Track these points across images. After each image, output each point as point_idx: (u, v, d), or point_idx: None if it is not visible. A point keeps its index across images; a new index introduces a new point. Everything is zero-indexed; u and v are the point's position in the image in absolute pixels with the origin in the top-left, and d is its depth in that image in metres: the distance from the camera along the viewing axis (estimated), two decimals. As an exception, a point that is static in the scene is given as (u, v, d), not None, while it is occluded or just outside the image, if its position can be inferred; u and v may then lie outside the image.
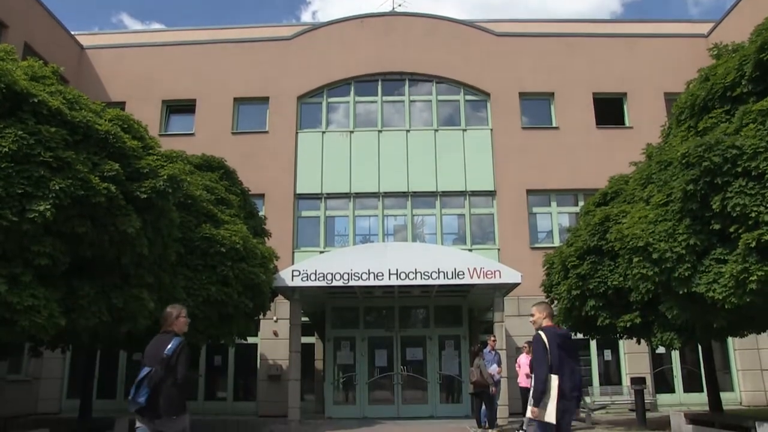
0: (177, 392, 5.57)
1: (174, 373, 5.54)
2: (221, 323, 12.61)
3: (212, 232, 12.45)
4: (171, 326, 5.85)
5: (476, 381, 13.25)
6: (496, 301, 15.63)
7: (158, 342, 5.75)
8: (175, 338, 5.73)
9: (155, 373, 5.51)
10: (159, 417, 5.50)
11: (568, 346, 6.01)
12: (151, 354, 5.68)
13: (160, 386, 5.50)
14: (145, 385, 5.50)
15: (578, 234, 13.67)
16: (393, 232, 20.96)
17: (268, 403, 18.76)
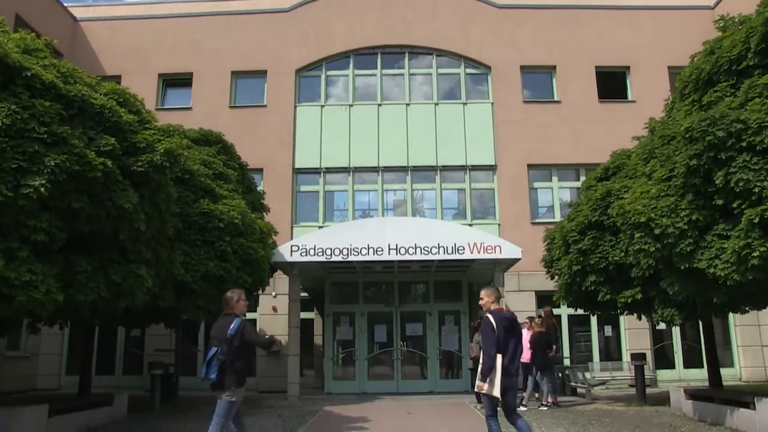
0: (241, 367, 6.42)
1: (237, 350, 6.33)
2: (220, 299, 12.47)
3: (210, 207, 12.44)
4: (232, 309, 6.58)
5: (476, 356, 13.27)
6: (496, 276, 15.68)
7: (222, 324, 6.50)
8: (236, 319, 6.47)
9: (221, 351, 6.30)
10: (226, 389, 6.33)
11: (512, 329, 6.60)
12: (216, 335, 6.45)
13: (226, 362, 6.28)
14: (214, 363, 6.29)
15: (579, 209, 13.64)
16: (393, 206, 20.97)
17: (268, 378, 18.87)
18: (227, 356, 6.33)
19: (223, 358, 6.32)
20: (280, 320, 18.84)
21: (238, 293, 6.73)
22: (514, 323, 6.67)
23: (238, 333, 6.37)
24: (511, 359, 6.48)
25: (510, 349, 6.48)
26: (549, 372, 13.57)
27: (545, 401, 13.30)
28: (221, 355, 6.31)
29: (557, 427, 10.32)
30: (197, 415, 12.46)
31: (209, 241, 12.27)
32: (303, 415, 12.53)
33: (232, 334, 6.35)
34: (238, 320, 6.48)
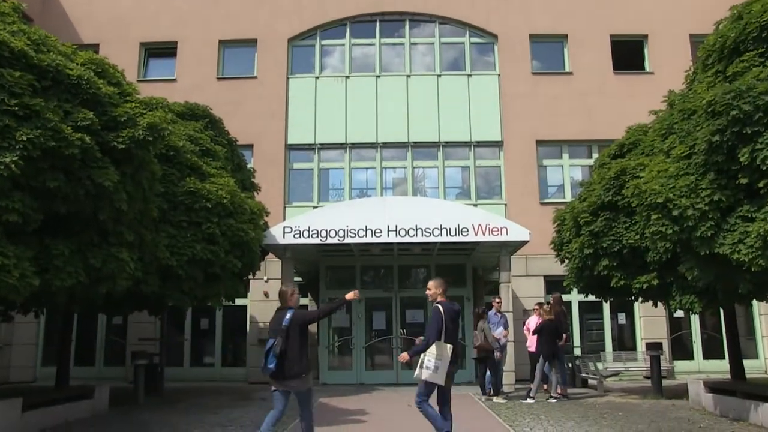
0: (300, 356, 7.02)
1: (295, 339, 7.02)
2: (207, 284, 12.64)
3: (197, 185, 12.38)
4: (287, 302, 7.33)
5: (480, 345, 13.31)
6: (502, 259, 15.62)
7: (278, 316, 7.22)
8: (289, 310, 7.19)
9: (277, 342, 6.95)
10: (287, 378, 7.00)
11: (456, 321, 7.60)
12: (273, 327, 7.17)
13: (284, 352, 6.96)
14: (272, 354, 6.94)
15: (592, 188, 13.55)
16: (392, 185, 20.89)
17: (259, 369, 18.76)
18: (283, 347, 6.98)
19: (279, 350, 6.95)
20: (272, 307, 18.50)
21: (291, 287, 7.52)
22: (457, 316, 7.66)
23: (292, 323, 7.08)
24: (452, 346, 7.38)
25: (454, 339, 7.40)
26: (558, 362, 13.58)
27: (554, 393, 13.32)
28: (277, 346, 6.95)
29: (567, 421, 10.33)
30: (184, 408, 12.49)
31: (196, 222, 12.23)
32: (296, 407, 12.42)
33: (287, 325, 7.05)
34: (291, 311, 7.20)
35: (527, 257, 18.81)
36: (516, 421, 10.43)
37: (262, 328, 19.08)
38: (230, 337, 19.93)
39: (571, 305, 19.15)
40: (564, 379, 13.80)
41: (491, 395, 13.43)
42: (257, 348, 19.02)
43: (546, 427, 9.73)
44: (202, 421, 10.70)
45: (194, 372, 19.28)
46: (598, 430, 9.46)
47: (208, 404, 13.16)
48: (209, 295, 12.97)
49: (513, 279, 16.44)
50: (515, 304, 17.46)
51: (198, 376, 19.11)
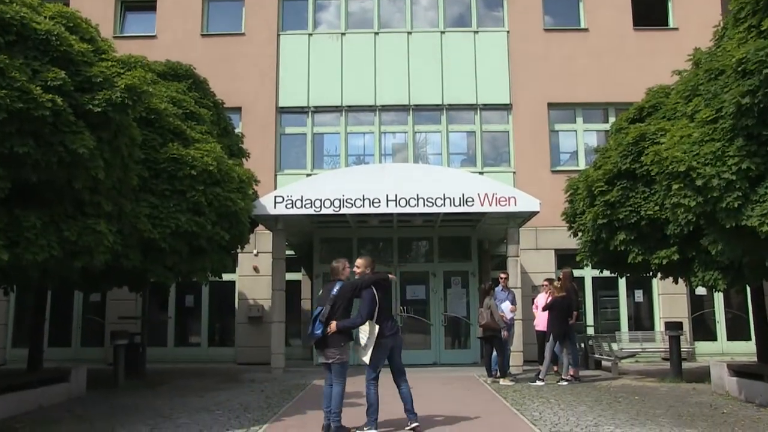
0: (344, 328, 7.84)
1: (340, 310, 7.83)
2: (193, 258, 12.62)
3: (180, 152, 12.29)
4: (338, 276, 8.16)
5: (486, 324, 13.30)
6: (510, 232, 15.64)
7: (328, 287, 8.13)
8: (338, 282, 8.06)
9: (325, 310, 7.80)
10: (327, 346, 7.81)
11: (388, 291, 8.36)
12: (322, 297, 8.11)
13: (329, 321, 7.77)
14: (318, 321, 7.81)
15: (608, 155, 13.50)
16: (392, 151, 20.89)
17: (248, 349, 18.98)
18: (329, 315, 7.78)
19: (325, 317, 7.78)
20: (262, 282, 18.84)
21: (343, 262, 8.29)
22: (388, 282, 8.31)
23: (340, 293, 7.89)
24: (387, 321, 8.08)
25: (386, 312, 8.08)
26: (569, 342, 13.60)
27: (565, 375, 13.37)
28: (323, 317, 7.78)
29: (579, 405, 10.37)
30: (167, 391, 12.53)
31: (180, 191, 12.16)
32: (289, 389, 12.60)
33: (335, 295, 7.88)
34: (339, 283, 8.07)
35: (537, 229, 18.82)
36: (524, 405, 10.46)
37: (252, 305, 19.15)
38: (217, 315, 19.98)
39: (584, 281, 19.19)
40: (576, 360, 13.84)
41: (497, 377, 13.47)
42: (246, 327, 19.11)
43: (556, 411, 9.76)
44: (186, 405, 10.71)
45: (178, 353, 19.36)
46: (613, 414, 9.48)
47: (193, 387, 13.19)
48: (194, 269, 12.95)
49: (522, 253, 16.43)
50: (524, 280, 17.48)
51: (183, 356, 19.18)
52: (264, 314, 18.92)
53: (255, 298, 19.35)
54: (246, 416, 9.59)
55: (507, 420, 9.28)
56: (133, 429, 8.61)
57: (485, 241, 19.30)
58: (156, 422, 9.10)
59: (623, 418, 9.22)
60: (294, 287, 19.24)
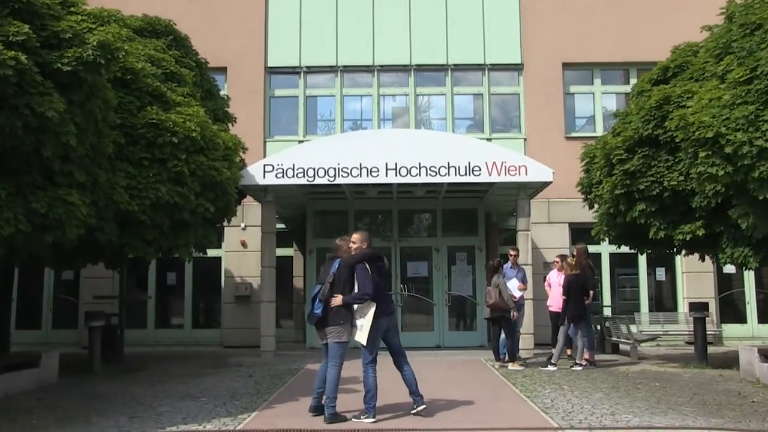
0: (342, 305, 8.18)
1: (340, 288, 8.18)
2: (174, 232, 12.62)
3: (160, 116, 12.21)
4: (340, 253, 8.49)
5: (494, 303, 13.28)
6: (520, 203, 15.62)
7: (327, 265, 8.52)
8: (337, 260, 8.39)
9: (324, 288, 8.20)
10: (328, 325, 8.19)
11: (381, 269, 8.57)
12: (322, 275, 8.53)
13: (329, 300, 8.17)
14: (318, 299, 8.22)
15: (628, 120, 13.42)
16: (391, 116, 20.85)
17: (236, 331, 19.06)
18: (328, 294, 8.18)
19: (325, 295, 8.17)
20: (250, 258, 18.84)
21: (347, 240, 8.63)
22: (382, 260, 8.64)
23: (338, 271, 8.27)
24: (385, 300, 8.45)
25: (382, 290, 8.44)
26: (584, 324, 13.59)
27: (579, 359, 13.36)
28: (322, 295, 8.19)
29: (594, 392, 10.37)
30: (147, 377, 12.55)
31: (160, 159, 12.13)
32: (280, 374, 12.63)
33: (334, 272, 8.27)
34: (338, 261, 8.39)
35: (550, 201, 18.81)
36: (535, 391, 10.47)
37: (239, 284, 19.16)
38: (202, 294, 20.04)
39: (601, 258, 19.20)
40: (591, 343, 13.83)
41: (506, 361, 13.50)
42: (233, 307, 19.15)
43: (570, 399, 9.76)
44: (168, 392, 10.70)
45: (160, 335, 19.45)
46: (631, 402, 9.47)
47: (176, 372, 13.20)
48: (176, 244, 12.95)
49: (533, 226, 16.39)
50: (535, 256, 17.46)
51: (164, 339, 19.26)
52: (252, 293, 18.93)
53: (243, 275, 19.35)
54: (233, 403, 9.59)
55: (516, 407, 9.27)
56: (110, 418, 8.58)
57: (493, 214, 19.28)
58: (135, 410, 9.08)
59: (642, 406, 9.20)
60: (285, 264, 19.23)
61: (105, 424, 8.23)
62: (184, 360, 15.33)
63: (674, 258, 18.65)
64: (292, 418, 8.53)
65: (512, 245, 15.71)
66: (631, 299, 19.51)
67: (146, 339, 19.03)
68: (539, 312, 15.96)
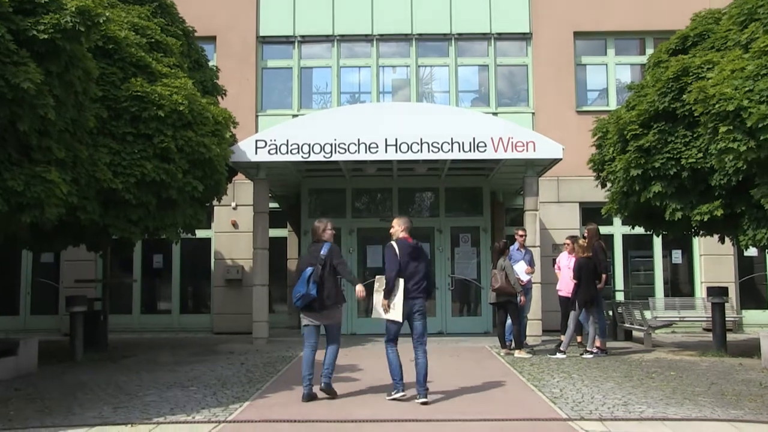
0: (335, 286, 9.07)
1: (331, 271, 8.99)
2: (161, 211, 12.62)
3: (145, 88, 12.17)
4: (320, 237, 9.27)
5: (500, 287, 13.29)
6: (527, 182, 15.61)
7: (313, 249, 9.25)
8: (326, 244, 9.19)
9: (316, 270, 8.86)
10: (324, 308, 8.93)
11: (416, 255, 9.03)
12: (309, 259, 9.14)
13: (322, 281, 8.90)
14: (312, 280, 8.82)
15: (643, 93, 13.37)
16: (391, 89, 20.83)
17: (226, 316, 19.09)
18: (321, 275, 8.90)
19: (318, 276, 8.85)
20: (241, 239, 18.87)
21: (324, 222, 9.40)
22: (417, 250, 9.08)
23: (329, 254, 9.03)
24: (415, 282, 8.87)
25: (410, 271, 8.85)
26: (596, 309, 13.57)
27: (590, 347, 13.35)
28: (315, 276, 8.82)
29: (605, 381, 10.38)
30: (134, 364, 12.57)
31: (145, 134, 12.12)
32: (273, 362, 12.66)
33: (325, 254, 9.00)
34: (328, 244, 9.18)
35: (559, 179, 18.82)
36: (542, 380, 10.46)
37: (230, 266, 19.15)
38: (190, 278, 20.07)
39: (613, 239, 19.20)
40: (603, 330, 13.81)
41: (512, 348, 13.50)
42: (224, 291, 19.15)
43: (579, 388, 9.77)
44: (155, 380, 10.70)
45: (146, 321, 19.48)
46: (644, 392, 9.48)
47: (163, 360, 13.22)
48: (163, 225, 12.92)
49: (541, 206, 16.46)
50: (544, 238, 17.49)
51: (150, 325, 19.31)
52: (244, 276, 18.94)
53: (234, 257, 19.37)
54: (224, 393, 9.59)
55: (522, 397, 9.28)
56: (93, 409, 8.57)
57: (499, 193, 19.28)
58: (120, 400, 9.07)
59: (657, 396, 9.20)
60: (278, 245, 19.21)
61: (88, 415, 8.21)
62: (171, 347, 15.35)
63: (692, 240, 18.64)
64: (286, 408, 8.53)
65: (519, 226, 15.70)
66: (645, 283, 19.52)
67: (131, 325, 19.09)
68: (548, 296, 15.95)
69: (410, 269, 8.87)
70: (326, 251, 9.00)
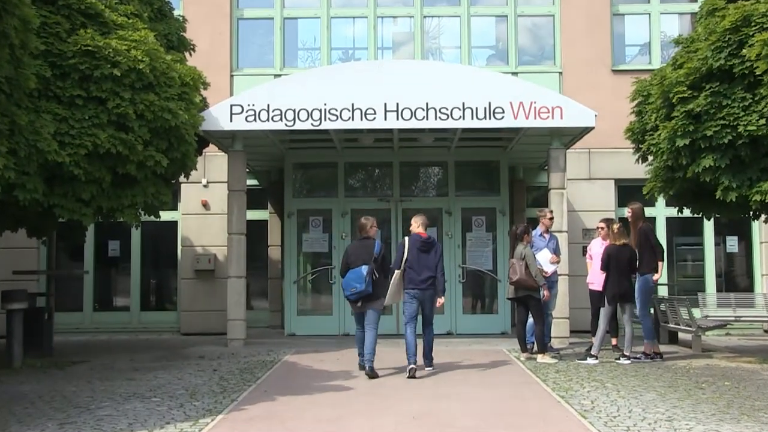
0: (384, 280, 11.91)
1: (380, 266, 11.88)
2: (118, 190, 12.64)
3: (97, 42, 12.05)
4: (368, 233, 12.13)
5: (519, 280, 13.25)
6: (553, 155, 15.63)
7: (365, 244, 12.07)
8: (376, 241, 12.12)
9: (371, 267, 11.65)
10: (372, 300, 11.78)
11: (427, 249, 11.97)
12: (362, 256, 11.84)
13: (377, 279, 11.75)
14: (368, 278, 11.57)
15: (694, 48, 13.27)
16: (392, 44, 20.98)
17: (196, 314, 19.12)
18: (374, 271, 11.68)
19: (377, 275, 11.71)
20: (214, 223, 18.94)
21: (372, 220, 12.30)
22: (428, 244, 12.03)
23: (381, 253, 11.90)
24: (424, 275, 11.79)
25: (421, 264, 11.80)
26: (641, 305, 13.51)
27: (627, 350, 13.28)
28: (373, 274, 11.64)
29: (646, 392, 10.38)
30: (85, 372, 12.56)
31: (97, 98, 12.04)
32: (251, 368, 12.67)
33: (378, 253, 11.83)
34: (378, 242, 12.15)
35: (591, 152, 18.85)
36: (570, 390, 10.48)
37: (201, 255, 19.13)
38: (153, 269, 20.17)
39: (656, 223, 19.01)
40: (649, 330, 13.72)
41: (534, 352, 13.52)
42: (193, 284, 19.16)
43: (615, 400, 9.78)
44: (111, 391, 10.68)
45: (99, 319, 19.56)
46: (692, 406, 9.45)
47: (120, 366, 13.20)
48: (120, 205, 12.89)
49: (570, 184, 16.51)
50: (572, 221, 17.48)
51: (105, 325, 19.35)
52: (217, 267, 18.93)
53: (205, 244, 19.36)
54: (193, 405, 9.58)
55: (546, 410, 9.29)
56: (34, 425, 8.50)
57: (519, 168, 19.36)
58: (68, 415, 9.02)
59: (708, 410, 9.17)
60: (258, 229, 19.32)
61: (28, 432, 8.19)
62: (130, 351, 15.37)
63: (750, 224, 18.72)
64: (268, 424, 8.53)
65: (543, 207, 15.61)
66: (693, 276, 19.59)
67: (82, 325, 19.13)
68: (577, 291, 15.95)
69: (421, 262, 11.81)
70: (379, 249, 11.88)
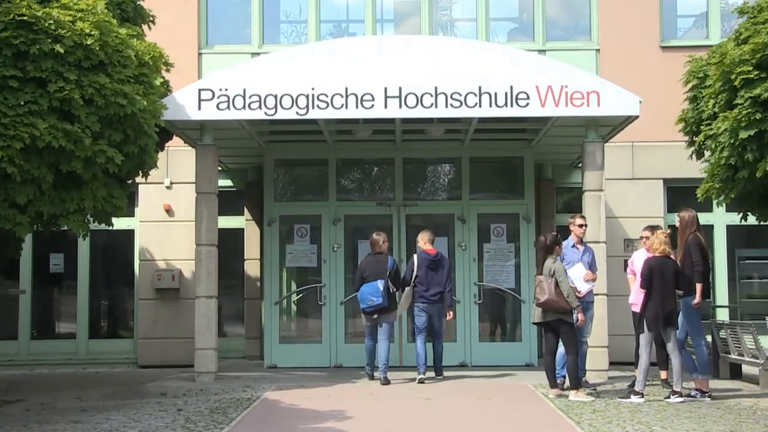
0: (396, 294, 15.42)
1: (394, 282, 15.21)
2: (61, 192, 12.66)
3: (35, 12, 12.02)
4: (380, 249, 15.29)
5: (548, 300, 13.22)
6: (589, 149, 15.69)
7: (378, 260, 15.29)
8: (389, 257, 15.48)
9: (387, 282, 14.88)
10: (385, 313, 14.97)
11: (435, 267, 15.22)
12: (377, 271, 15.05)
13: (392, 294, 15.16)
14: (384, 293, 14.73)
15: (762, 19, 13.26)
16: (394, 17, 21.18)
17: (157, 342, 19.15)
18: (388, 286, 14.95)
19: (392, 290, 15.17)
20: (179, 232, 18.92)
21: (384, 236, 15.49)
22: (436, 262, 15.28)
23: (394, 268, 15.29)
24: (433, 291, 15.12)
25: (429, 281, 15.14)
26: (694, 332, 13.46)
27: (677, 386, 13.20)
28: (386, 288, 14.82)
29: (700, 438, 10.34)
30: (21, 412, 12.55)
31: (36, 79, 12.02)
32: (224, 408, 12.62)
33: (391, 268, 15.18)
34: (391, 258, 15.59)
35: (634, 145, 18.90)
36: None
37: (163, 270, 19.13)
38: (105, 287, 20.22)
39: (713, 232, 19.14)
40: (705, 363, 13.66)
41: (566, 388, 13.50)
42: (153, 305, 19.20)
43: (663, 448, 9.75)
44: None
45: (39, 349, 19.61)
46: (757, 457, 9.46)
47: (64, 405, 13.18)
48: (64, 211, 12.89)
49: (609, 184, 16.49)
50: (612, 229, 17.54)
51: (46, 356, 19.40)
52: (182, 285, 18.96)
53: (167, 258, 19.39)
54: (152, 454, 9.57)
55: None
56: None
57: (548, 166, 19.41)
58: (-2, 465, 9.02)
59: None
60: (232, 239, 19.39)
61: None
62: (76, 387, 15.36)
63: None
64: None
65: (576, 213, 15.59)
66: (761, 296, 19.58)
67: (18, 355, 19.19)
68: (618, 313, 15.91)
69: (429, 278, 15.20)
70: (392, 265, 15.29)
